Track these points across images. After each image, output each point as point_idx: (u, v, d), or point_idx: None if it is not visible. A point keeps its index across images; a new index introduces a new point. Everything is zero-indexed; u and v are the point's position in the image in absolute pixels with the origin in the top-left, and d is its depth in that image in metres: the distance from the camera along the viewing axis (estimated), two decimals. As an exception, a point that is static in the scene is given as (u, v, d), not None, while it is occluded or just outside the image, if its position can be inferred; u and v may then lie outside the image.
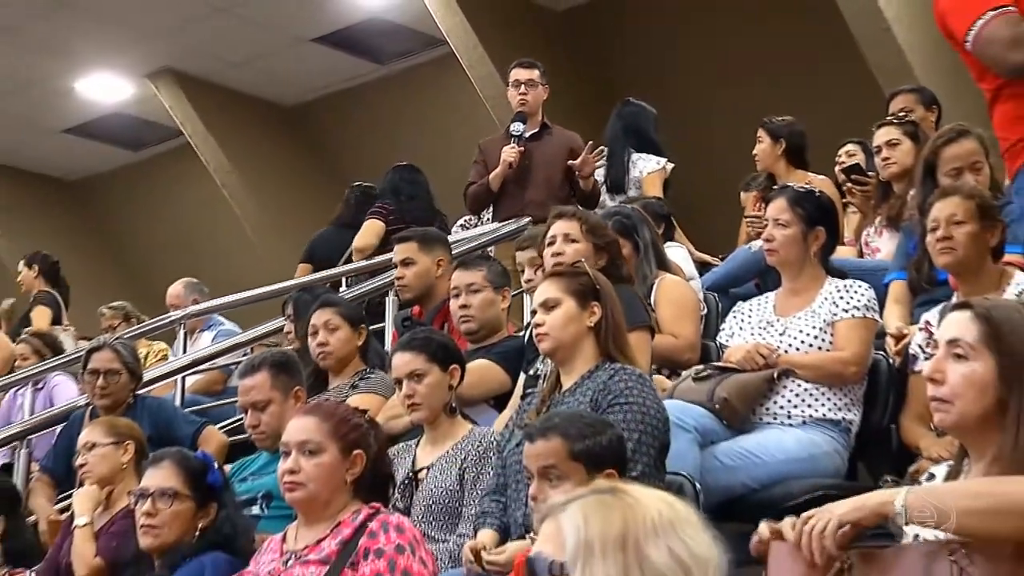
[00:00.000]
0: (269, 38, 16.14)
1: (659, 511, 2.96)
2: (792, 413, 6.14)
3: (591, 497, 3.02)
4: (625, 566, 2.87)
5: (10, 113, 17.56)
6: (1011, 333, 3.59)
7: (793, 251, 6.43)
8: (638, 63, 15.34)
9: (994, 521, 3.32)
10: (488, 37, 14.84)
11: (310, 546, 4.81)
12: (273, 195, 17.54)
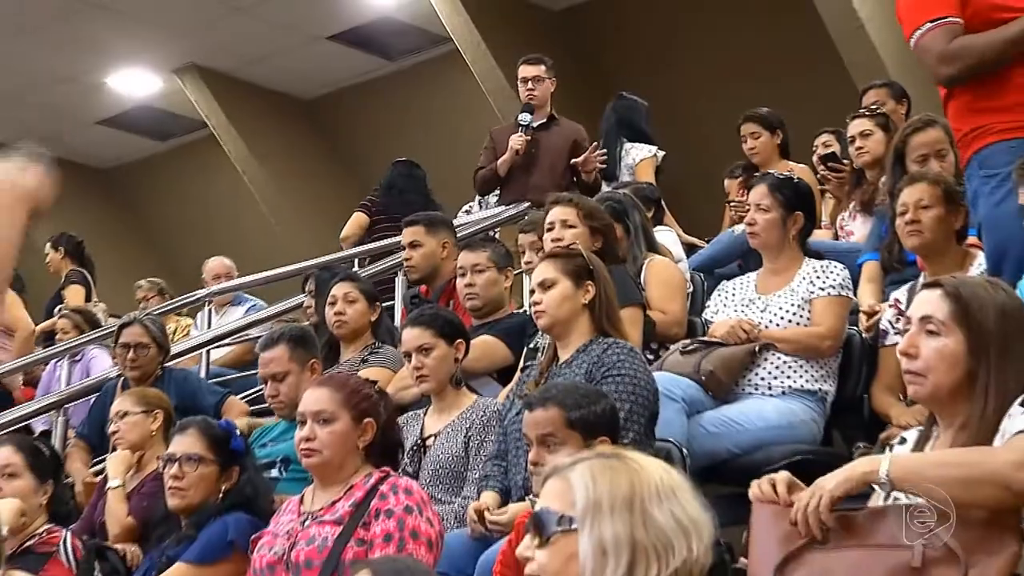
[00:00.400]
0: (287, 36, 16.13)
1: (661, 477, 2.98)
2: (772, 384, 6.16)
3: (598, 460, 3.02)
4: (631, 525, 2.88)
5: (48, 106, 17.57)
6: (979, 310, 3.60)
7: (773, 234, 6.47)
8: (630, 59, 15.33)
9: (972, 491, 3.33)
10: (490, 35, 14.84)
11: (325, 507, 4.81)
12: (291, 182, 17.52)
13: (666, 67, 14.99)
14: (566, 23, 15.64)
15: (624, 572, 2.87)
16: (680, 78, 14.77)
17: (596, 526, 2.89)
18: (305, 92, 17.73)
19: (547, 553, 2.92)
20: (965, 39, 5.24)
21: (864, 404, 6.18)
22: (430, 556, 4.68)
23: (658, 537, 2.90)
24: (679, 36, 15.05)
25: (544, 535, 2.94)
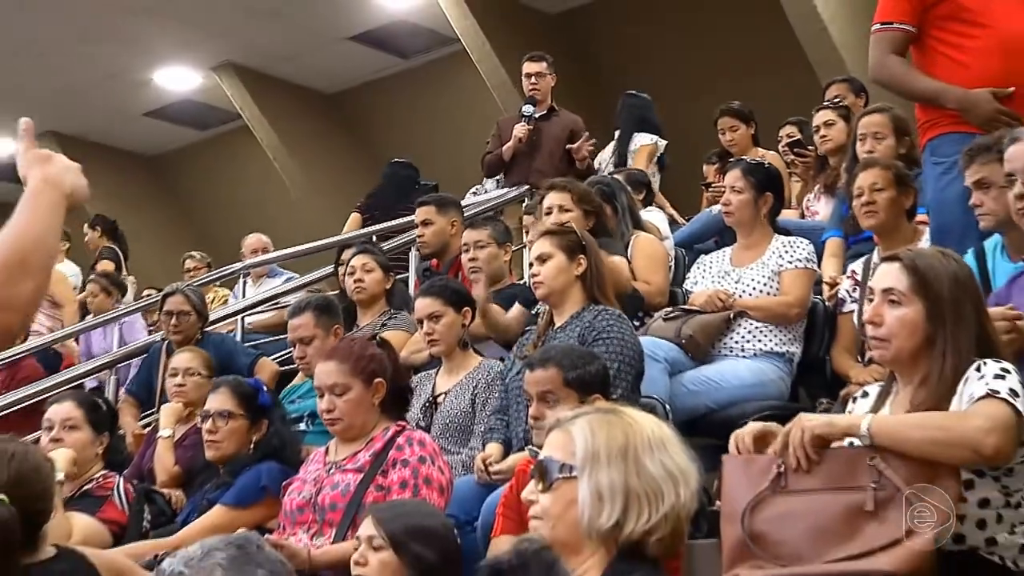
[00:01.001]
0: (313, 37, 16.10)
1: (652, 430, 3.00)
2: (745, 347, 6.18)
3: (596, 415, 3.04)
4: (625, 473, 2.90)
5: (100, 100, 17.55)
6: (935, 280, 3.62)
7: (746, 213, 6.49)
8: (618, 58, 15.33)
9: (945, 452, 3.36)
10: (494, 36, 14.81)
11: (348, 457, 4.83)
12: (316, 168, 17.50)
13: (650, 65, 14.95)
14: (562, 25, 15.61)
15: (618, 516, 2.89)
16: (662, 75, 14.72)
17: (594, 474, 2.90)
18: (328, 87, 17.70)
19: (550, 497, 2.94)
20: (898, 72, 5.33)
21: (826, 364, 6.19)
22: (441, 500, 4.70)
23: (649, 484, 2.91)
24: (662, 39, 15.02)
25: (547, 481, 2.96)
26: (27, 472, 3.98)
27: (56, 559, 4.00)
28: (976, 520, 3.45)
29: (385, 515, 3.97)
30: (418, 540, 3.86)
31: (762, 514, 3.55)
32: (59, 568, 3.98)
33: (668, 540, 2.93)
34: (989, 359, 3.55)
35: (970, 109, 5.12)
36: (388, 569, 3.81)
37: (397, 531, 3.86)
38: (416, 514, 4.05)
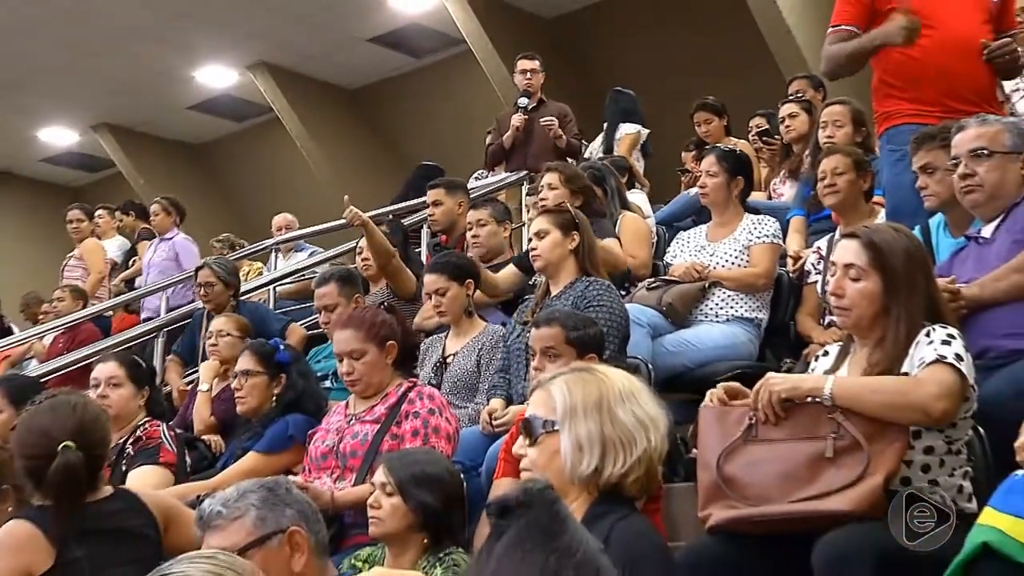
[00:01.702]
0: (336, 38, 16.06)
1: (623, 383, 2.99)
2: (719, 313, 6.18)
3: (572, 374, 3.04)
4: (601, 423, 2.90)
5: (149, 95, 17.51)
6: (891, 255, 3.62)
7: (720, 195, 6.49)
8: (605, 58, 15.31)
9: (899, 414, 3.38)
10: (496, 38, 14.81)
11: (366, 410, 4.83)
12: (338, 154, 17.46)
13: (633, 65, 14.93)
14: (557, 28, 15.59)
15: (597, 462, 2.89)
16: (644, 74, 14.68)
17: (573, 427, 2.91)
18: (350, 83, 17.67)
19: (536, 451, 2.94)
20: (833, 53, 5.39)
21: (790, 328, 6.21)
22: (448, 447, 4.70)
23: (623, 432, 2.91)
24: (644, 41, 14.98)
25: (533, 436, 2.96)
26: (88, 422, 3.99)
27: (111, 498, 4.00)
28: (921, 465, 3.45)
29: (395, 464, 3.98)
30: (423, 487, 3.86)
31: (734, 460, 3.56)
32: (115, 506, 3.99)
33: (643, 480, 2.96)
34: (937, 325, 3.55)
35: (889, 33, 5.21)
36: (398, 513, 3.81)
37: (404, 478, 3.85)
38: (423, 463, 4.04)
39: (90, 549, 3.72)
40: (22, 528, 3.75)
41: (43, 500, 3.84)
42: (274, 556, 3.11)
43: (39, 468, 3.81)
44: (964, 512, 3.38)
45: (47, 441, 3.82)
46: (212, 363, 7.00)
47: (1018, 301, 4.12)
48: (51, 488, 3.79)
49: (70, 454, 3.79)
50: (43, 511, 3.80)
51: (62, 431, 3.84)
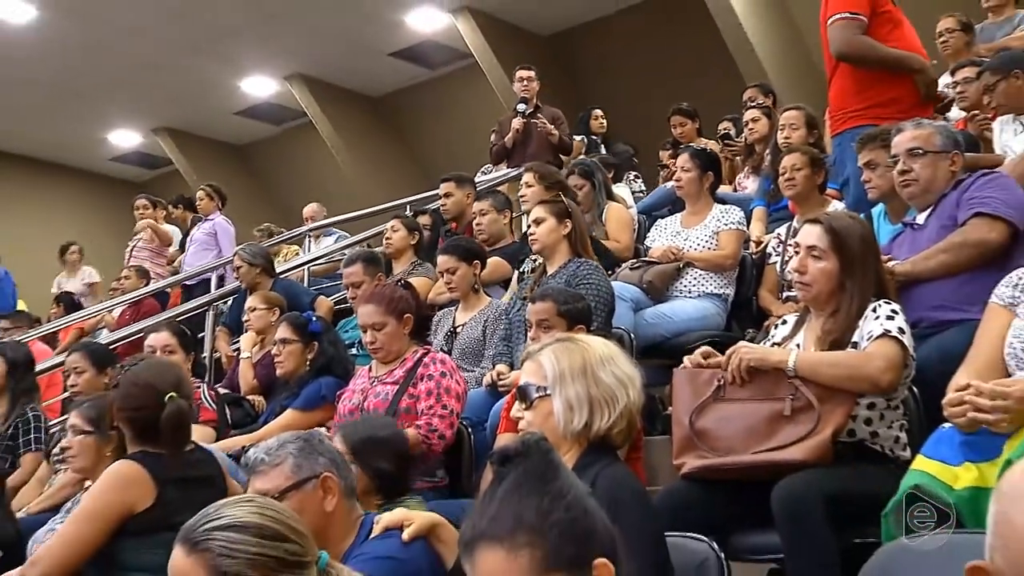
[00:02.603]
0: (362, 53, 16.02)
1: (602, 349, 3.00)
2: (692, 289, 6.17)
3: (558, 344, 3.04)
4: (587, 385, 2.90)
5: (201, 102, 17.54)
6: (848, 238, 3.63)
7: (693, 187, 6.50)
8: (593, 70, 15.30)
9: (852, 384, 3.40)
10: (500, 52, 14.80)
11: (386, 373, 4.82)
12: (363, 153, 17.42)
13: (616, 75, 14.96)
14: (552, 44, 15.56)
15: (586, 419, 2.89)
16: (626, 83, 14.75)
17: (563, 390, 2.91)
18: (374, 92, 17.63)
19: (532, 413, 2.94)
20: (867, 44, 5.29)
21: (753, 303, 6.20)
22: (458, 405, 4.69)
23: (606, 391, 2.91)
24: (625, 55, 14.98)
25: (528, 401, 2.96)
26: (182, 378, 4.05)
27: (194, 451, 4.04)
28: (864, 419, 3.47)
29: (348, 430, 3.94)
30: (370, 449, 3.80)
31: (704, 416, 3.59)
32: (198, 457, 4.04)
33: (625, 431, 2.97)
34: (882, 301, 3.57)
35: (926, 71, 5.26)
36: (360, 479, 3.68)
37: (356, 443, 3.80)
38: (371, 427, 4.01)
39: (182, 492, 3.72)
40: (131, 468, 3.76)
41: (141, 447, 3.85)
42: (309, 498, 3.11)
43: (146, 418, 3.83)
44: (900, 459, 3.42)
45: (153, 394, 3.85)
46: (249, 334, 7.04)
47: (945, 278, 4.13)
48: (164, 433, 3.82)
49: (179, 402, 3.85)
50: (147, 455, 3.81)
51: (166, 385, 3.87)
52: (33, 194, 19.26)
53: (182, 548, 2.25)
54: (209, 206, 10.95)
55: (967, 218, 4.18)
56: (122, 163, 20.19)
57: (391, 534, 3.13)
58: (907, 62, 5.24)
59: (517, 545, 1.80)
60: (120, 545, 3.69)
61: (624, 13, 15.03)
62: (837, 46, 5.31)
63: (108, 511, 3.68)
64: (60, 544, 3.68)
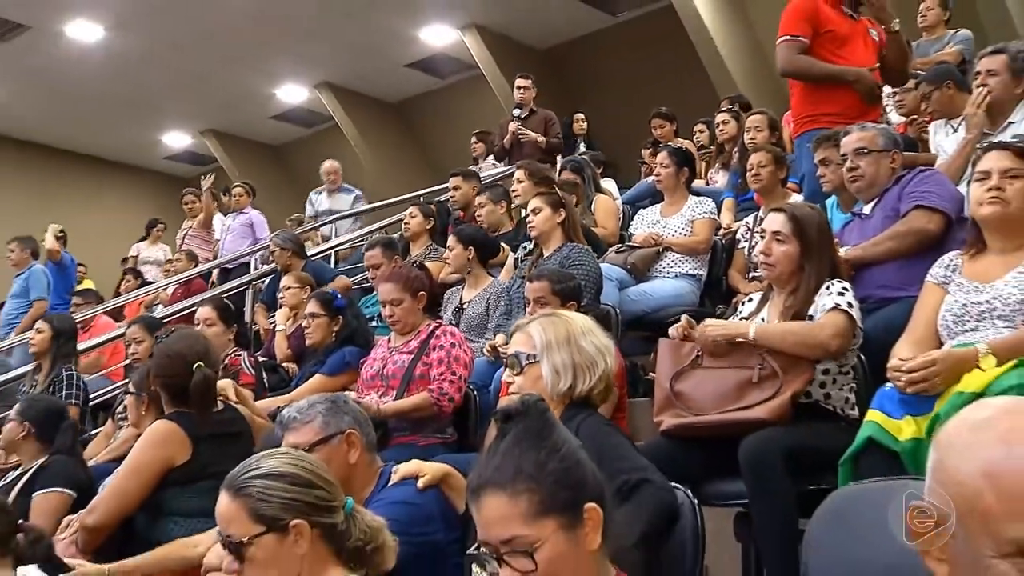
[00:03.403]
0: (382, 64, 15.94)
1: (582, 322, 3.01)
2: (670, 271, 6.17)
3: (543, 318, 3.05)
4: (571, 352, 2.91)
5: (241, 107, 17.47)
6: (808, 225, 3.63)
7: (671, 182, 6.49)
8: (584, 80, 15.22)
9: (806, 351, 3.43)
10: (502, 64, 14.73)
11: (403, 343, 4.81)
12: (384, 153, 17.31)
13: (604, 84, 14.91)
14: (547, 57, 15.48)
15: (571, 381, 2.90)
16: (612, 90, 14.71)
17: (550, 357, 2.90)
18: (393, 98, 17.55)
19: (522, 378, 2.94)
20: (804, 63, 5.25)
21: (723, 282, 6.20)
22: (465, 372, 4.68)
23: (587, 358, 2.91)
24: (613, 68, 14.92)
25: (519, 367, 2.95)
26: (209, 348, 4.02)
27: (223, 411, 4.04)
28: (819, 382, 3.48)
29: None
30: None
31: (682, 381, 3.60)
32: (227, 416, 4.03)
33: (603, 392, 2.98)
34: (835, 280, 3.58)
35: (862, 80, 5.18)
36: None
37: None
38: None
39: (214, 447, 3.74)
40: (168, 427, 3.76)
41: (176, 408, 3.85)
42: (335, 451, 3.11)
43: (177, 384, 3.83)
44: (849, 417, 3.45)
45: (183, 363, 3.84)
46: (283, 309, 7.01)
47: (889, 262, 4.15)
48: (192, 397, 3.81)
49: (205, 371, 3.84)
50: (182, 415, 3.81)
51: (194, 355, 3.87)
52: (99, 189, 19.29)
53: (226, 493, 2.28)
54: (244, 200, 11.00)
55: (908, 210, 4.20)
56: (174, 161, 20.18)
57: (407, 482, 3.15)
58: (842, 75, 5.19)
59: (517, 491, 1.81)
60: (164, 494, 3.71)
61: (611, 30, 14.98)
62: (780, 65, 5.32)
63: (151, 465, 3.70)
64: (111, 495, 3.70)
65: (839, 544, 2.49)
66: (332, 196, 11.35)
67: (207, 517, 2.44)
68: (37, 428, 4.73)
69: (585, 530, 1.84)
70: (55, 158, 18.71)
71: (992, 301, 3.15)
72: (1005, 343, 2.97)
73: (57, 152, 18.71)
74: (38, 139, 18.28)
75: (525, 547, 1.79)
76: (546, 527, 1.80)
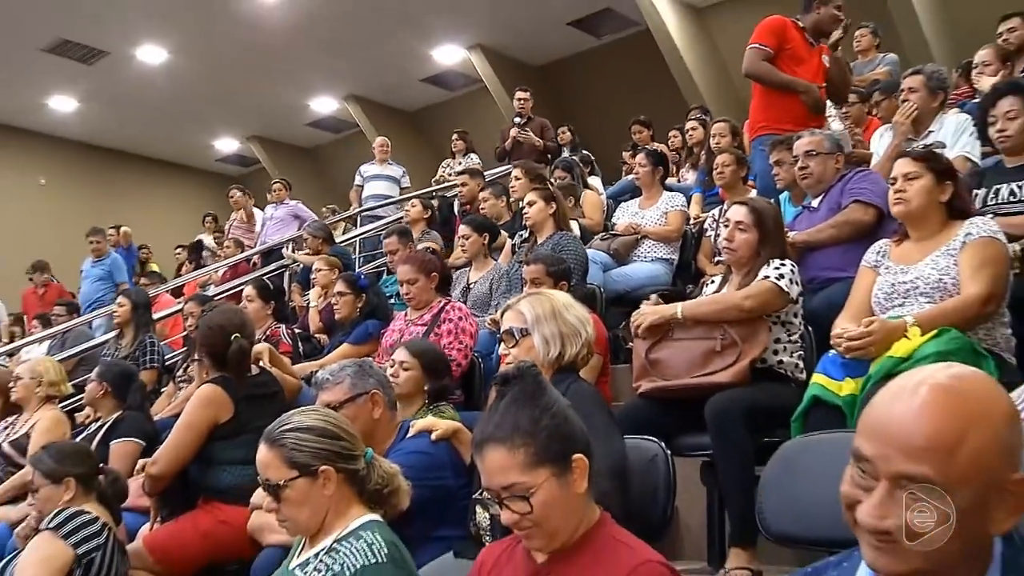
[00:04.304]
0: (400, 79, 15.90)
1: (564, 299, 2.99)
2: (647, 255, 6.15)
3: (531, 296, 3.03)
4: (557, 325, 2.88)
5: (281, 115, 17.43)
6: (765, 216, 3.61)
7: (648, 179, 6.48)
8: (572, 93, 15.16)
9: (724, 314, 3.44)
10: (503, 78, 14.69)
11: (418, 317, 4.81)
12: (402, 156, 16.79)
13: (591, 96, 14.87)
14: (542, 72, 15.40)
15: (559, 350, 2.87)
16: (597, 101, 14.67)
17: (540, 329, 2.87)
18: (409, 108, 17.47)
19: (517, 349, 2.91)
20: (764, 69, 5.19)
21: (692, 265, 6.16)
22: (471, 342, 4.68)
23: (571, 328, 2.89)
24: (598, 82, 14.88)
25: (514, 340, 2.93)
26: (247, 320, 4.02)
27: (259, 375, 4.01)
28: (773, 350, 3.47)
29: (412, 345, 3.88)
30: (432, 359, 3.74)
31: (656, 351, 3.58)
32: (263, 379, 4.01)
33: (586, 357, 2.93)
34: (783, 261, 3.56)
35: (810, 92, 5.14)
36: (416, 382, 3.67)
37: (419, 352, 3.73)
38: (431, 347, 3.96)
39: (252, 406, 3.73)
40: (213, 389, 3.76)
41: (219, 372, 3.84)
42: (361, 409, 3.12)
43: (218, 352, 3.82)
44: (798, 380, 3.43)
45: (222, 334, 3.82)
46: (316, 288, 7.01)
47: (831, 247, 4.17)
48: (230, 364, 3.80)
49: (241, 342, 3.82)
50: (225, 379, 3.80)
51: (232, 328, 3.85)
52: (159, 187, 19.26)
53: (265, 444, 2.31)
54: (283, 194, 10.96)
55: (848, 204, 4.23)
56: (224, 163, 20.17)
57: (422, 435, 3.15)
58: (793, 85, 5.14)
59: (515, 444, 1.81)
60: (212, 446, 3.72)
61: (596, 50, 14.93)
62: (745, 66, 5.27)
63: (200, 422, 3.70)
64: (170, 448, 3.72)
65: (789, 487, 2.51)
66: (383, 165, 11.20)
67: (249, 465, 2.45)
68: (113, 387, 4.90)
69: (573, 476, 1.85)
70: (123, 160, 18.70)
71: (915, 281, 3.17)
72: (927, 316, 2.99)
73: (125, 155, 18.71)
74: (110, 144, 18.32)
75: (522, 492, 1.80)
76: (540, 475, 1.81)
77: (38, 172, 17.49)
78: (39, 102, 15.96)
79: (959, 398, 1.25)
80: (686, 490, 3.23)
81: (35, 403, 5.22)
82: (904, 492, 1.24)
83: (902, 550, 1.24)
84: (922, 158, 3.30)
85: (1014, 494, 1.24)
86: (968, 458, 1.21)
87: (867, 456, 1.27)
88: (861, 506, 1.27)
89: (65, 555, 3.10)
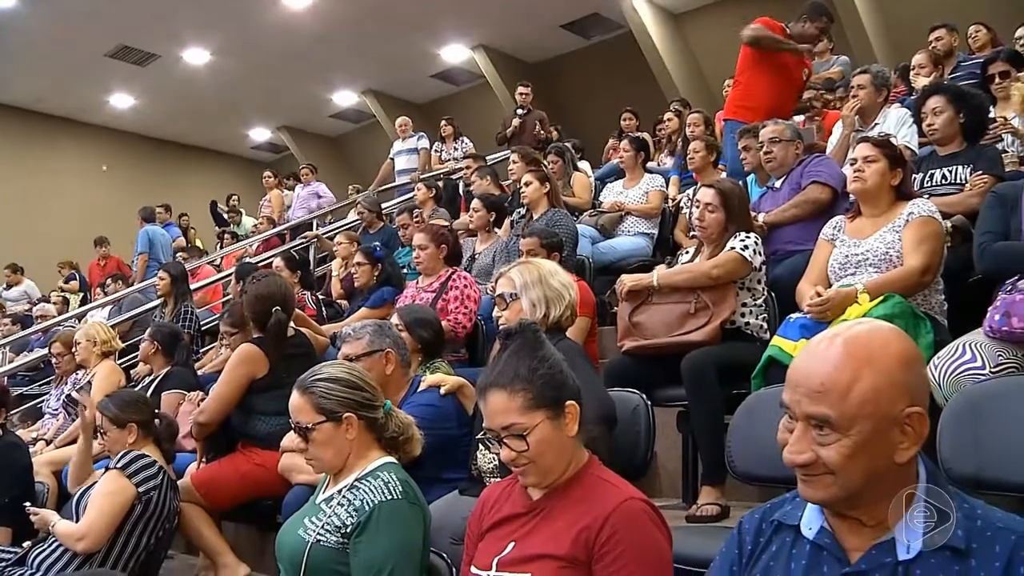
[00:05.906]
0: (411, 76, 15.73)
1: (549, 266, 2.95)
2: (630, 230, 6.12)
3: (520, 264, 3.00)
4: (543, 289, 2.86)
5: (306, 108, 17.31)
6: (731, 197, 3.59)
7: (631, 162, 6.42)
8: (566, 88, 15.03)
9: (695, 281, 3.44)
10: (503, 74, 14.59)
11: (428, 284, 4.79)
12: (415, 143, 17.27)
13: (581, 90, 14.72)
14: (537, 69, 15.20)
15: (545, 311, 2.84)
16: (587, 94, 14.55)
17: (528, 293, 2.85)
18: (420, 101, 17.23)
19: (508, 311, 2.89)
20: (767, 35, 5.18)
21: (670, 239, 6.11)
22: (475, 306, 4.66)
23: (556, 292, 2.86)
24: (587, 78, 14.71)
25: (505, 303, 2.92)
26: (287, 294, 3.98)
27: (295, 336, 4.00)
28: (741, 312, 3.46)
29: (403, 311, 3.83)
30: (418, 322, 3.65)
31: (638, 314, 3.57)
32: (298, 340, 4.00)
33: (571, 318, 2.90)
34: (749, 234, 3.54)
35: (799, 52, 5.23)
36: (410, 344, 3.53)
37: (408, 319, 3.66)
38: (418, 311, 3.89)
39: (287, 363, 3.72)
40: (253, 348, 3.79)
41: (260, 334, 3.86)
42: (376, 363, 3.11)
43: (261, 319, 3.83)
44: (763, 339, 3.41)
45: (268, 304, 3.83)
46: (337, 259, 6.99)
47: (793, 223, 4.17)
48: (269, 331, 3.81)
49: (280, 314, 3.82)
50: (263, 339, 3.82)
51: (277, 299, 3.85)
52: (200, 171, 19.23)
53: (297, 391, 2.32)
54: (309, 177, 10.96)
55: (807, 185, 4.24)
56: (257, 150, 20.12)
57: (432, 390, 3.14)
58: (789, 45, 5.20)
59: (515, 390, 1.81)
60: (251, 399, 3.75)
61: (585, 49, 14.78)
62: (748, 34, 5.20)
63: (240, 378, 3.74)
64: (214, 399, 3.78)
65: (753, 433, 2.53)
66: (404, 140, 11.08)
67: (283, 416, 2.47)
68: (163, 346, 5.02)
69: (566, 420, 1.85)
70: (171, 149, 18.77)
71: (865, 253, 3.17)
72: (875, 284, 3.00)
73: (173, 144, 18.77)
74: (161, 135, 18.39)
75: (520, 432, 1.80)
76: (536, 417, 1.81)
77: (101, 160, 17.81)
78: (102, 99, 16.27)
79: (856, 345, 1.27)
80: (664, 436, 3.23)
81: (94, 360, 5.43)
82: (813, 430, 1.27)
83: (820, 481, 1.28)
84: (880, 144, 3.30)
85: (912, 426, 1.26)
86: (861, 396, 1.24)
87: (786, 403, 1.31)
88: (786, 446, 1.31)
89: (129, 491, 3.16)
